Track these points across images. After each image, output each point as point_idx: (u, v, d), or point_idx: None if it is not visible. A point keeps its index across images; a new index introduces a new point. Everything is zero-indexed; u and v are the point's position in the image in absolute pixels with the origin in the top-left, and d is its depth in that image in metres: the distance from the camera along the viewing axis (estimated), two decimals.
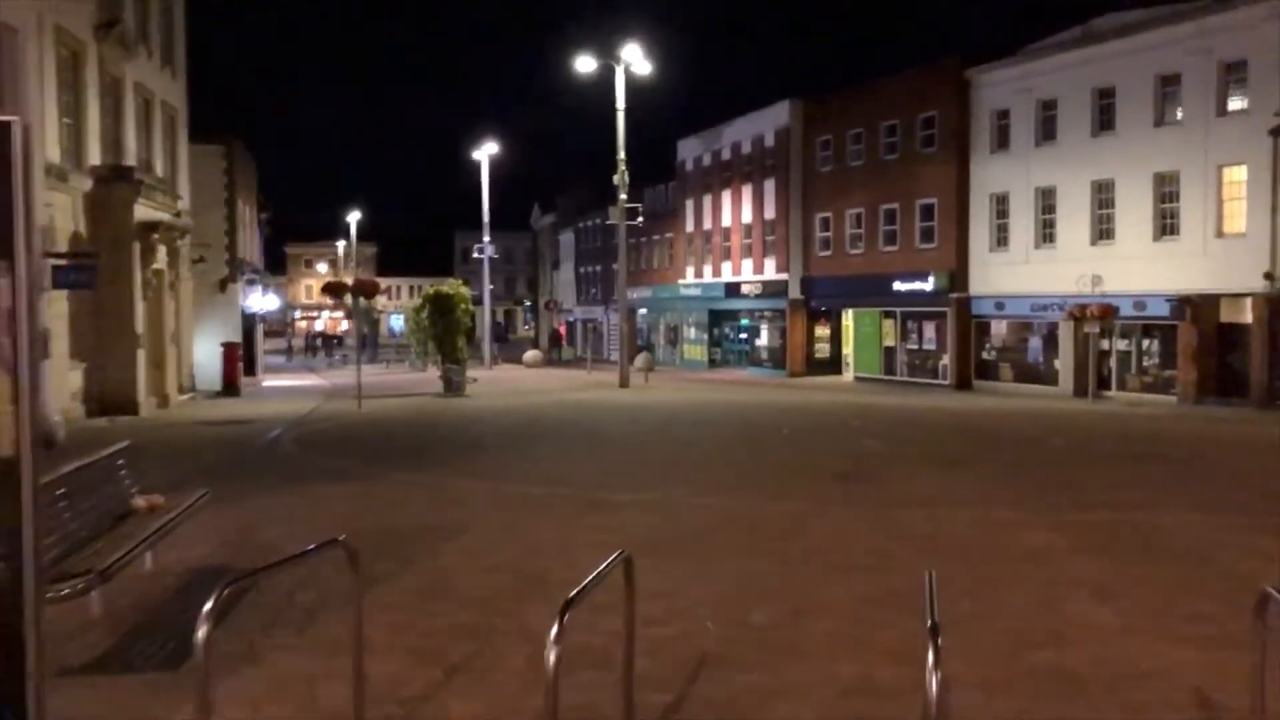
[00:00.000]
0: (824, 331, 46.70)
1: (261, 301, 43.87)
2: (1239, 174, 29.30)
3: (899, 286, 40.02)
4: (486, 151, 54.70)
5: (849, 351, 44.67)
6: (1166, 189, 31.25)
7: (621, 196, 35.27)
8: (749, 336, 50.31)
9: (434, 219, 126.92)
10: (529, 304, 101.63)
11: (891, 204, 40.67)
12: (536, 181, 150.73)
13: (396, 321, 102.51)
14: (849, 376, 43.78)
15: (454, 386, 31.18)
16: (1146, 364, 32.83)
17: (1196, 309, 30.15)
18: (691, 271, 54.34)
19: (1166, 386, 31.45)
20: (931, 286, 38.54)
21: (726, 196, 50.82)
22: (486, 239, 55.73)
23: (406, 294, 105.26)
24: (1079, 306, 31.30)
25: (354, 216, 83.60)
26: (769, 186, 47.34)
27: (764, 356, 48.46)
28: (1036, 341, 36.22)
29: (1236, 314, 29.70)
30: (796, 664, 6.04)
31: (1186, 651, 6.24)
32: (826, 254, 44.58)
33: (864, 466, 14.65)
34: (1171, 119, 31.09)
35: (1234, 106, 29.37)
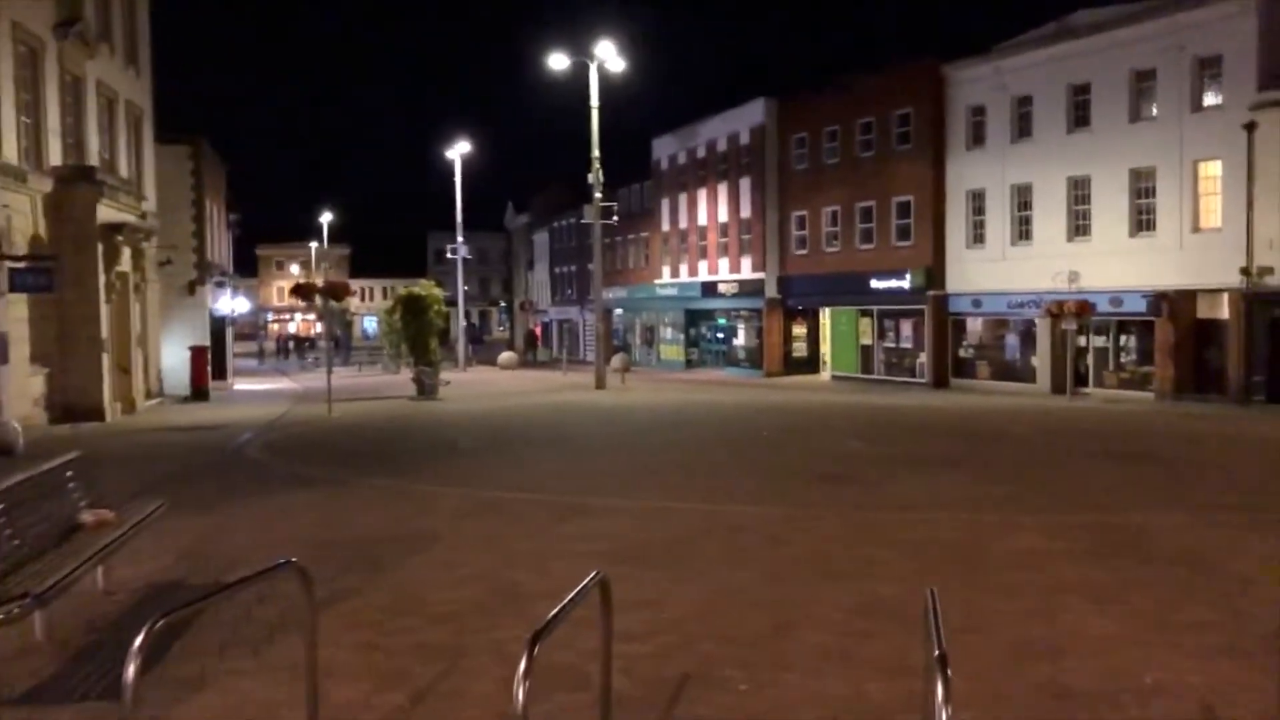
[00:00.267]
0: (801, 331, 46.47)
1: (231, 304, 43.16)
2: (1214, 169, 29.26)
3: (876, 284, 39.84)
4: (459, 151, 54.21)
5: (826, 350, 44.48)
6: (1142, 185, 31.19)
7: (596, 195, 34.93)
8: (726, 336, 50.03)
9: (407, 220, 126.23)
10: (504, 305, 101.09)
11: (867, 202, 40.49)
12: (511, 181, 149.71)
13: (370, 324, 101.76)
14: (826, 376, 43.59)
15: (427, 389, 30.75)
16: (1124, 360, 32.78)
17: (1173, 305, 30.10)
18: (668, 271, 54.02)
19: (1144, 383, 31.40)
20: (908, 284, 38.38)
21: (702, 195, 50.53)
22: (460, 240, 55.24)
23: (380, 296, 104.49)
24: (1056, 303, 31.18)
25: (326, 218, 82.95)
26: (745, 185, 47.08)
27: (741, 356, 48.20)
28: (1013, 339, 36.11)
29: (1213, 310, 29.67)
30: (784, 681, 5.71)
31: (1190, 662, 5.96)
32: (803, 253, 44.36)
33: (846, 468, 14.36)
34: (1146, 115, 31.03)
35: (1209, 102, 29.33)
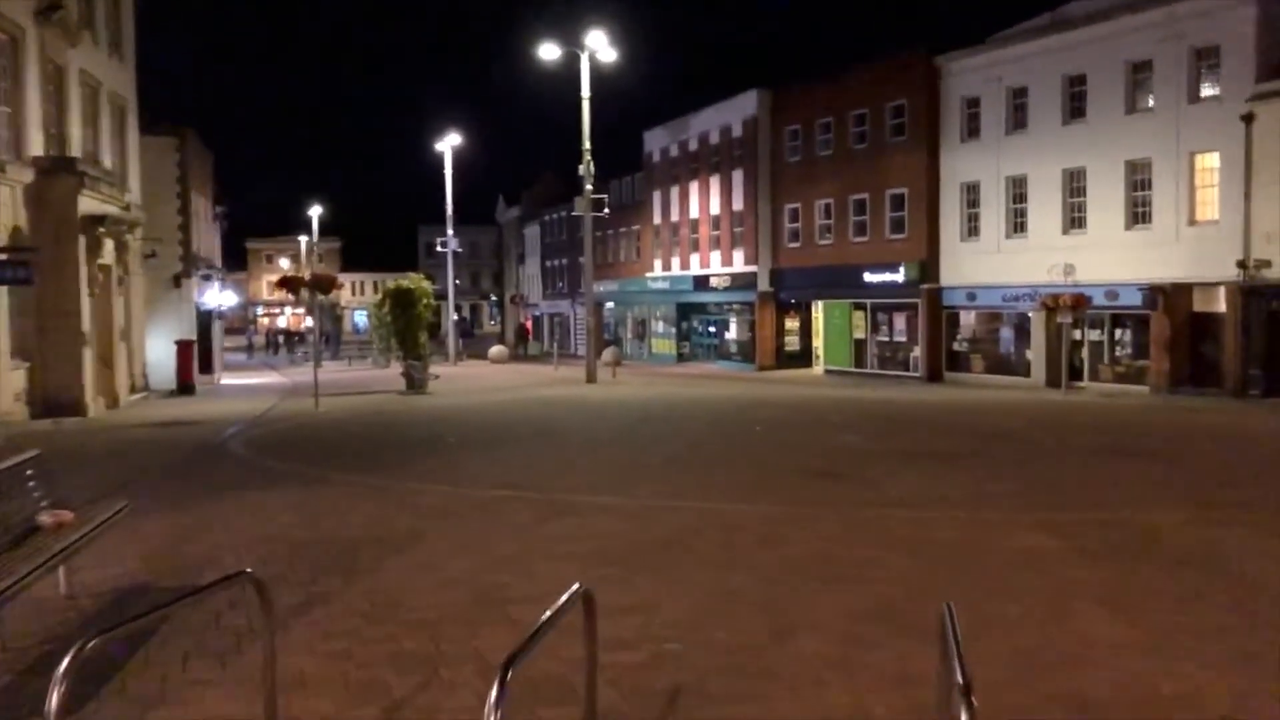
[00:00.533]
0: (793, 324, 46.21)
1: (218, 297, 42.72)
2: (1211, 161, 29.02)
3: (869, 278, 39.56)
4: (449, 143, 53.77)
5: (819, 344, 44.18)
6: (1138, 177, 30.93)
7: (587, 187, 34.55)
8: (718, 330, 49.73)
9: (398, 213, 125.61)
10: (495, 299, 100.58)
11: (861, 194, 40.18)
12: (501, 174, 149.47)
13: (361, 317, 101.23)
14: (819, 369, 43.29)
15: (416, 383, 30.38)
16: (1119, 354, 32.55)
17: (1169, 298, 29.86)
18: (659, 264, 53.67)
19: (1139, 377, 31.16)
20: (902, 277, 38.11)
21: (694, 188, 50.18)
22: (450, 233, 54.84)
23: (371, 289, 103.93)
24: (1051, 296, 30.91)
25: (316, 211, 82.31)
26: (737, 177, 46.74)
27: (733, 350, 47.90)
28: (1008, 332, 35.87)
29: (1209, 303, 29.44)
30: (781, 693, 5.38)
31: (1209, 672, 5.64)
32: (796, 245, 44.05)
33: (842, 464, 14.03)
34: (1143, 106, 30.77)
35: (1206, 93, 29.07)
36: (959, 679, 2.90)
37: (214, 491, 12.14)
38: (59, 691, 3.17)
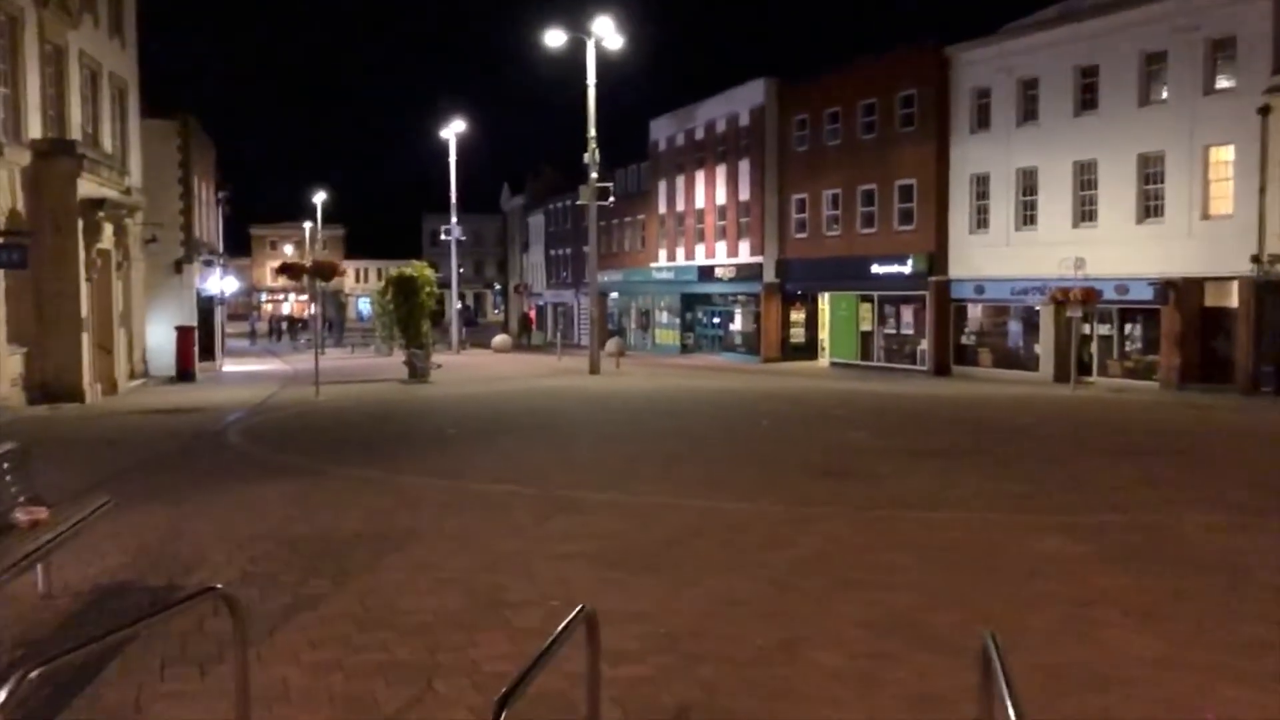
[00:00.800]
0: (799, 316, 45.85)
1: (220, 284, 42.42)
2: (1226, 154, 28.60)
3: (877, 270, 39.17)
4: (454, 130, 53.36)
5: (825, 336, 43.81)
6: (1151, 170, 30.51)
7: (592, 175, 34.16)
8: (723, 321, 49.38)
9: (403, 201, 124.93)
10: (498, 287, 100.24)
11: (869, 185, 39.77)
12: (506, 163, 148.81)
13: (365, 305, 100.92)
14: (824, 362, 42.93)
15: (418, 372, 30.07)
16: (1128, 349, 32.18)
17: (1180, 293, 29.49)
18: (664, 254, 53.29)
19: (1148, 372, 30.79)
20: (910, 269, 37.72)
21: (700, 177, 49.77)
22: (454, 221, 54.47)
23: (374, 277, 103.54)
24: (1061, 290, 30.50)
25: (320, 198, 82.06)
26: (744, 167, 46.32)
27: (738, 342, 47.56)
28: (1016, 326, 35.49)
29: (1222, 298, 29.06)
30: (796, 714, 5.07)
31: (1250, 691, 5.32)
32: (802, 236, 43.65)
33: (851, 461, 13.70)
34: (1156, 98, 30.32)
35: (1221, 85, 28.62)
36: None
37: (208, 483, 11.85)
38: None
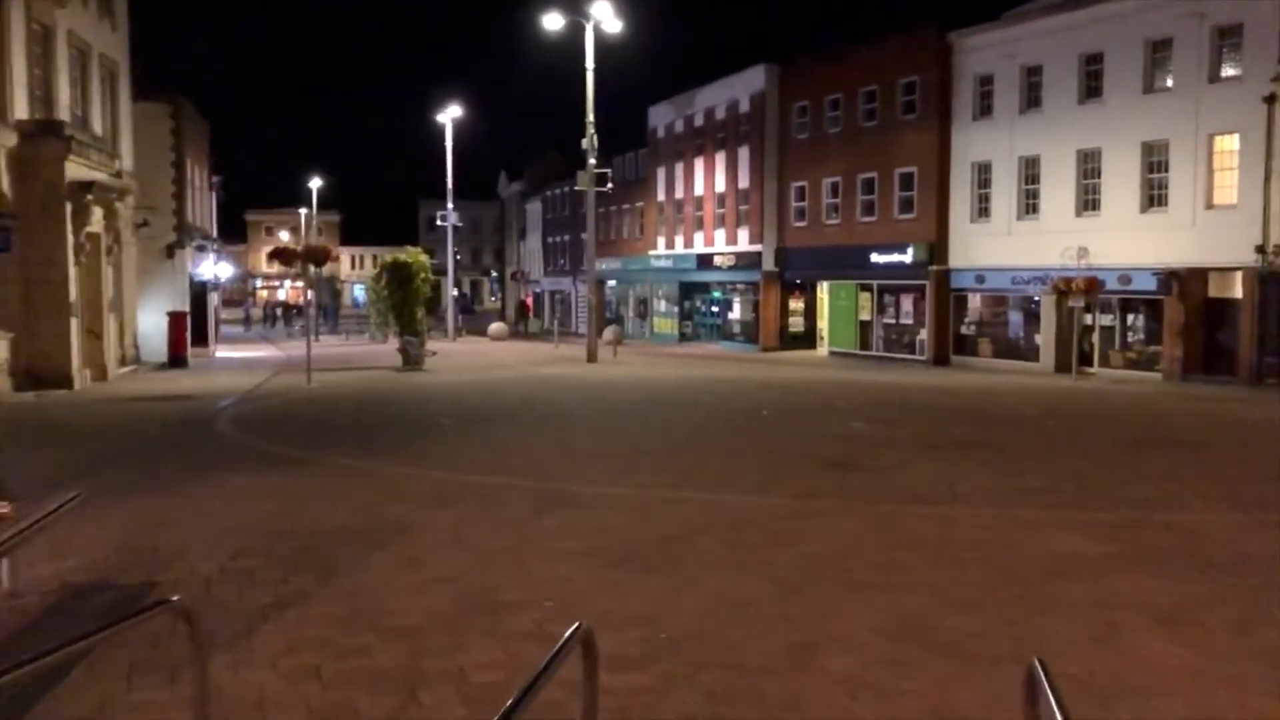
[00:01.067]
0: (798, 305, 45.49)
1: (214, 269, 41.97)
2: (1231, 143, 28.22)
3: (876, 258, 38.80)
4: (450, 115, 52.87)
5: (824, 326, 43.46)
6: (1155, 159, 30.13)
7: (590, 161, 33.75)
8: (721, 310, 49.01)
9: (399, 187, 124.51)
10: (495, 275, 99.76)
11: (870, 173, 39.36)
12: (505, 149, 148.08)
13: (360, 291, 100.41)
14: (823, 351, 42.60)
15: (412, 360, 29.70)
16: (1130, 340, 31.86)
17: (1184, 283, 29.16)
18: (663, 242, 52.87)
19: (1150, 363, 30.49)
20: (910, 258, 37.35)
21: (699, 164, 49.32)
22: (450, 207, 54.05)
23: (370, 263, 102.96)
24: (1063, 279, 30.18)
25: (316, 183, 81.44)
26: (743, 154, 45.88)
27: (736, 330, 47.19)
28: (1017, 316, 35.15)
29: (1225, 288, 28.74)
30: None
31: None
32: (802, 224, 43.25)
33: (855, 453, 13.36)
34: (1161, 86, 29.93)
35: (1227, 73, 28.22)
36: None
37: (193, 473, 11.50)
38: None
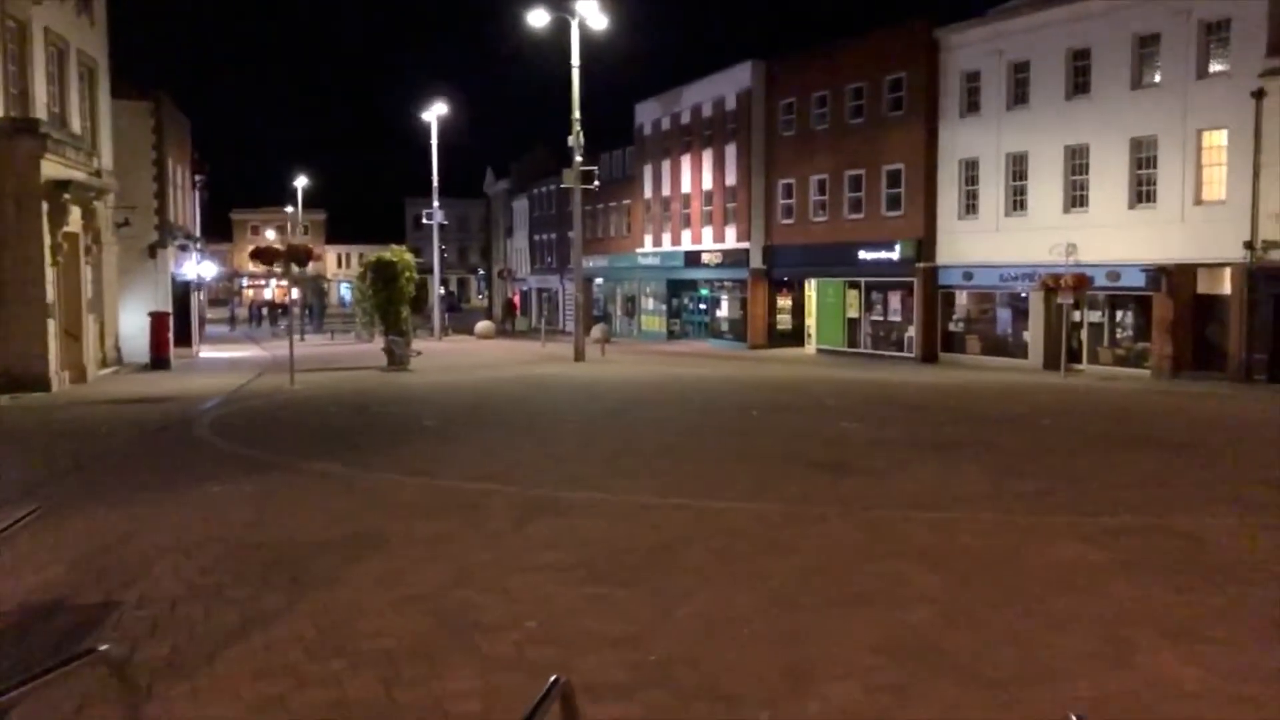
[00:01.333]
0: (786, 303, 45.30)
1: (197, 268, 41.50)
2: (1219, 139, 28.07)
3: (864, 256, 38.59)
4: (436, 113, 52.46)
5: (812, 323, 43.26)
6: (1143, 154, 29.97)
7: (576, 158, 33.41)
8: (709, 307, 48.77)
9: (386, 184, 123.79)
10: (482, 273, 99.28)
11: (857, 170, 39.14)
12: (491, 146, 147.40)
13: (347, 290, 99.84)
14: (811, 349, 42.39)
15: (397, 360, 29.32)
16: (1119, 336, 31.71)
17: (1173, 280, 29.00)
18: (650, 240, 52.58)
19: (1139, 360, 30.35)
20: (898, 255, 37.15)
21: (686, 162, 49.05)
22: (436, 204, 53.65)
23: (357, 262, 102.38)
24: (1052, 276, 30.02)
25: (301, 182, 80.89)
26: (730, 151, 45.62)
27: (724, 328, 46.95)
28: (1005, 313, 34.99)
29: (1214, 285, 28.60)
30: None
31: None
32: (789, 222, 43.02)
33: (847, 454, 13.07)
34: (1149, 81, 29.75)
35: (1215, 68, 28.07)
36: None
37: (166, 481, 11.14)
38: None
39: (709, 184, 47.28)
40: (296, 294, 36.11)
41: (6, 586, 6.78)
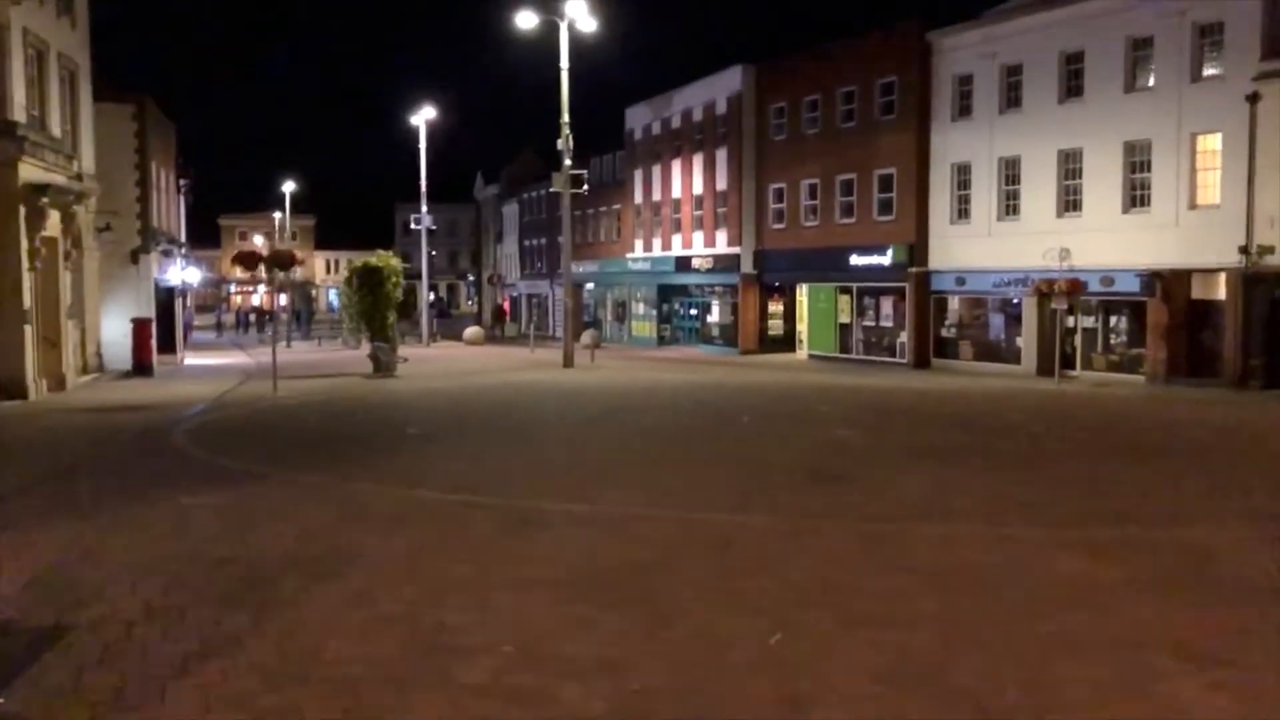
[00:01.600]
0: (777, 308, 44.95)
1: (181, 274, 41.00)
2: (1213, 143, 27.82)
3: (856, 260, 38.29)
4: (425, 117, 52.07)
5: (803, 328, 42.93)
6: (1137, 158, 29.71)
7: (566, 162, 33.09)
8: (700, 312, 48.44)
9: (375, 190, 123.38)
10: (472, 278, 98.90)
11: (848, 174, 38.84)
12: (481, 151, 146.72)
13: (335, 296, 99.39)
14: (803, 354, 42.06)
15: (383, 366, 28.92)
16: (1113, 342, 31.44)
17: (1167, 285, 28.74)
18: (640, 245, 52.25)
19: (1133, 366, 30.07)
20: (889, 260, 36.86)
21: (676, 166, 48.75)
22: (424, 209, 53.22)
23: (345, 267, 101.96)
24: (1045, 281, 29.73)
25: (289, 187, 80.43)
26: (721, 156, 45.33)
27: (715, 333, 46.62)
28: (998, 318, 34.69)
29: (1209, 290, 28.34)
30: None
31: None
32: (780, 226, 42.71)
33: (841, 462, 12.71)
34: (1143, 85, 29.52)
35: (1209, 72, 27.83)
36: None
37: (136, 492, 10.73)
38: None
39: (699, 188, 46.98)
40: (284, 300, 35.58)
41: None
